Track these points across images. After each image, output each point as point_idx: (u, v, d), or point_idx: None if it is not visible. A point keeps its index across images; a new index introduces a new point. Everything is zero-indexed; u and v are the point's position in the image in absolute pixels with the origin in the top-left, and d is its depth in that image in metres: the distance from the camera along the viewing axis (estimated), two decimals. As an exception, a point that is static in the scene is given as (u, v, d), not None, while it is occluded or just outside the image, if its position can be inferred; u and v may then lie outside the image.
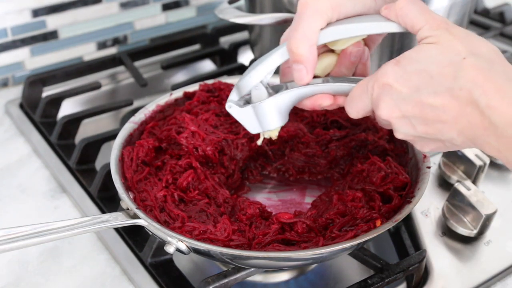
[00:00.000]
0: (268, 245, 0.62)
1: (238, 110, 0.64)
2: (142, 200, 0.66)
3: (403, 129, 0.56)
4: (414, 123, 0.55)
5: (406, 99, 0.54)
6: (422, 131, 0.55)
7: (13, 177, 0.87)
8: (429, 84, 0.53)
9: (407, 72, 0.54)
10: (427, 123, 0.54)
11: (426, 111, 0.53)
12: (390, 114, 0.56)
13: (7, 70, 1.07)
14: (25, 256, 0.74)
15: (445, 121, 0.53)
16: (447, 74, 0.52)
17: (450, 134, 0.53)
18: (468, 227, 0.74)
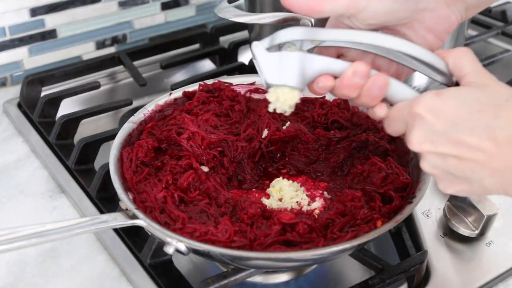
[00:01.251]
0: (269, 246, 0.61)
1: (263, 52, 0.59)
2: (142, 201, 0.66)
3: (432, 160, 0.54)
4: (445, 157, 0.53)
5: (440, 133, 0.53)
6: (452, 165, 0.53)
7: (12, 177, 0.86)
8: (466, 120, 0.51)
9: (446, 104, 0.53)
10: (460, 159, 0.52)
11: (460, 148, 0.52)
12: (421, 146, 0.54)
13: (5, 69, 1.06)
14: (24, 256, 0.74)
15: (479, 160, 0.51)
16: (488, 113, 0.51)
17: (481, 173, 0.52)
18: (470, 227, 0.73)
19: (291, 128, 0.77)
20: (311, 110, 0.81)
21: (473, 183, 0.53)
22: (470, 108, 0.52)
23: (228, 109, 0.79)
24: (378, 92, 0.59)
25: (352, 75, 0.59)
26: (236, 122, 0.78)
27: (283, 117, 0.79)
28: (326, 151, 0.77)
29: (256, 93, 0.83)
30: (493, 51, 1.15)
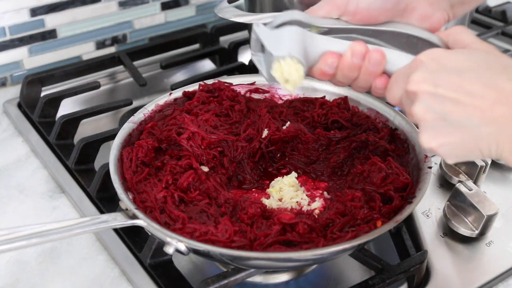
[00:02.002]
0: (269, 246, 0.61)
1: (265, 28, 0.61)
2: (142, 201, 0.66)
3: (428, 102, 0.52)
4: (443, 100, 0.51)
5: (443, 76, 0.51)
6: (449, 109, 0.51)
7: (12, 177, 0.86)
8: (473, 70, 0.51)
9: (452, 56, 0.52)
10: (458, 103, 0.50)
11: (461, 92, 0.50)
12: (420, 85, 0.52)
13: (5, 69, 1.06)
14: (24, 256, 0.74)
15: (479, 106, 0.50)
16: (497, 68, 0.51)
17: (479, 120, 0.50)
18: (470, 227, 0.73)
19: (291, 128, 0.77)
20: (311, 110, 0.81)
21: (466, 132, 0.51)
22: (477, 63, 0.51)
23: (228, 109, 0.79)
24: (376, 67, 0.59)
25: (351, 56, 0.60)
26: (236, 122, 0.78)
27: (283, 117, 0.80)
28: (326, 151, 0.77)
29: (256, 93, 0.83)
30: (493, 51, 1.15)
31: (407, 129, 0.74)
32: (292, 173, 0.73)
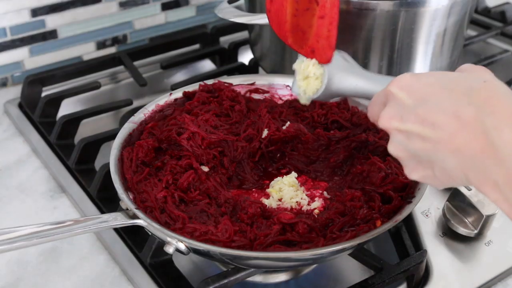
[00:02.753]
0: (269, 246, 0.61)
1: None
2: (142, 201, 0.66)
3: (399, 139, 0.53)
4: (411, 136, 0.52)
5: (409, 109, 0.52)
6: (416, 145, 0.52)
7: (12, 177, 0.86)
8: (436, 97, 0.50)
9: (419, 81, 0.52)
10: (424, 139, 0.51)
11: (425, 126, 0.50)
12: (389, 122, 0.54)
13: (6, 69, 1.06)
14: (25, 256, 0.74)
15: (441, 139, 0.49)
16: (460, 92, 0.49)
17: (443, 154, 0.50)
18: (469, 227, 0.73)
19: (291, 128, 0.77)
20: (311, 110, 0.81)
21: (435, 166, 0.51)
22: (443, 86, 0.51)
23: (228, 109, 0.79)
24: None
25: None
26: (236, 122, 0.78)
27: (283, 117, 0.80)
28: (326, 151, 0.77)
29: (256, 93, 0.83)
30: (492, 52, 1.15)
31: (407, 129, 0.74)
32: (292, 173, 0.73)
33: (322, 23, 0.66)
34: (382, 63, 0.85)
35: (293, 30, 0.69)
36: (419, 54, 0.85)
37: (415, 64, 0.86)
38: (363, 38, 0.82)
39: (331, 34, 0.67)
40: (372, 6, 0.79)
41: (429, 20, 0.82)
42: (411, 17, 0.81)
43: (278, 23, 0.69)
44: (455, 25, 0.86)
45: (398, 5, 0.79)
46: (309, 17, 0.67)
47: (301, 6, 0.66)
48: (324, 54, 0.67)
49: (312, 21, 0.66)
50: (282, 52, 0.91)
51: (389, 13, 0.80)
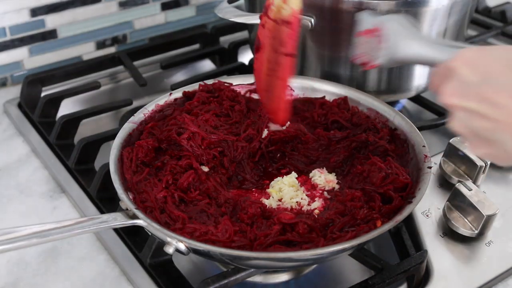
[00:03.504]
0: (269, 246, 0.61)
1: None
2: (142, 201, 0.66)
3: (460, 116, 0.53)
4: (472, 114, 0.52)
5: (471, 86, 0.51)
6: (477, 124, 0.51)
7: (12, 177, 0.86)
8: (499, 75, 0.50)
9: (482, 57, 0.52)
10: (485, 118, 0.51)
11: (485, 104, 0.50)
12: (451, 98, 0.53)
13: (5, 69, 1.06)
14: (24, 256, 0.74)
15: (501, 120, 0.49)
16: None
17: (503, 135, 0.50)
18: (469, 227, 0.73)
19: (291, 128, 0.77)
20: (311, 110, 0.81)
21: (496, 146, 0.51)
22: (506, 64, 0.50)
23: (228, 109, 0.79)
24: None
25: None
26: (236, 122, 0.78)
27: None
28: (326, 151, 0.77)
29: (256, 93, 0.83)
30: (493, 51, 1.15)
31: (407, 129, 0.74)
32: (292, 173, 0.73)
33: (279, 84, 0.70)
34: (382, 63, 0.85)
35: (266, 89, 0.72)
36: (420, 54, 0.85)
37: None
38: (363, 38, 0.82)
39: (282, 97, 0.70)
40: (372, 6, 0.79)
41: (430, 19, 0.82)
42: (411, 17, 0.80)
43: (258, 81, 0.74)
44: (455, 25, 0.85)
45: (399, 5, 0.79)
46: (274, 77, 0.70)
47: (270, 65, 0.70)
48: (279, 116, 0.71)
49: (275, 82, 0.70)
50: (282, 52, 0.91)
51: (389, 13, 0.80)
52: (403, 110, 1.01)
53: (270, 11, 0.68)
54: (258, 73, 0.71)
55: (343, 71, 0.86)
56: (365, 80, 0.87)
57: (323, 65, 0.87)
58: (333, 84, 0.82)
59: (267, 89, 0.71)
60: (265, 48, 0.70)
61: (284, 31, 0.67)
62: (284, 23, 0.67)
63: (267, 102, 0.70)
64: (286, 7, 0.66)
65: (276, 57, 0.68)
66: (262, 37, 0.70)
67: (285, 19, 0.67)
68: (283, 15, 0.67)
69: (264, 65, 0.70)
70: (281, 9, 0.67)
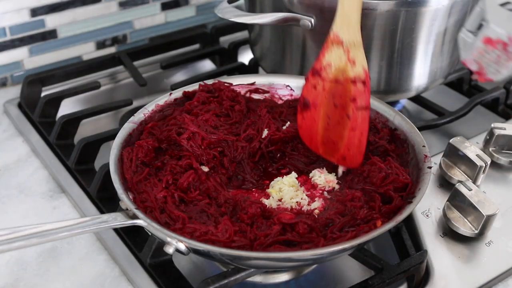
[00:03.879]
0: (269, 246, 0.61)
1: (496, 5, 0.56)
2: (142, 201, 0.66)
3: None
4: None
5: None
6: None
7: (12, 177, 0.86)
8: None
9: None
10: None
11: None
12: None
13: (5, 69, 1.06)
14: (24, 256, 0.74)
15: None
16: None
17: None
18: (469, 227, 0.73)
19: (291, 128, 0.77)
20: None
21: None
22: None
23: (228, 109, 0.79)
24: None
25: None
26: (236, 122, 0.78)
27: (283, 117, 0.80)
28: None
29: (256, 93, 0.83)
30: (493, 51, 1.15)
31: (407, 129, 0.74)
32: (292, 173, 0.73)
33: (354, 134, 0.71)
34: (382, 63, 0.85)
35: (325, 142, 0.74)
36: (419, 54, 0.85)
37: (415, 64, 0.86)
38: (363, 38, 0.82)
39: (362, 143, 0.72)
40: (372, 6, 0.79)
41: (430, 20, 0.82)
42: (412, 17, 0.81)
43: (310, 136, 0.75)
44: (455, 25, 0.85)
45: (399, 5, 0.79)
46: (340, 130, 0.72)
47: (332, 120, 0.72)
48: (355, 160, 0.72)
49: (343, 133, 0.72)
50: (282, 52, 0.91)
51: (389, 13, 0.80)
52: (403, 110, 1.01)
53: (326, 73, 0.71)
54: (309, 129, 0.74)
55: (343, 71, 0.86)
56: (365, 80, 0.87)
57: (323, 65, 0.87)
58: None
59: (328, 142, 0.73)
60: (318, 106, 0.73)
61: (352, 89, 0.70)
62: (353, 82, 0.70)
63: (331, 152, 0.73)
64: (355, 68, 0.70)
65: (341, 112, 0.71)
66: (312, 96, 0.73)
67: (355, 78, 0.70)
68: (351, 75, 0.70)
69: (320, 121, 0.73)
70: (347, 70, 0.70)
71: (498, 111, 1.00)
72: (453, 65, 0.93)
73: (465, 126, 0.96)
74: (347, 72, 0.71)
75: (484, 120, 0.98)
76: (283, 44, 0.90)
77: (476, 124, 0.97)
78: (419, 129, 0.74)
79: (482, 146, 0.86)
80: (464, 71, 1.03)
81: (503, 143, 0.84)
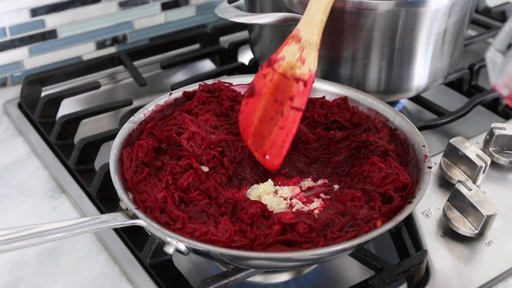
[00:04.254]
0: (269, 246, 0.61)
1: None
2: (142, 201, 0.66)
3: None
4: None
5: None
6: None
7: (12, 177, 0.86)
8: None
9: None
10: None
11: None
12: None
13: (5, 69, 1.06)
14: (24, 256, 0.74)
15: None
16: None
17: None
18: (469, 227, 0.73)
19: (291, 128, 0.77)
20: (311, 110, 0.81)
21: None
22: None
23: (228, 109, 0.79)
24: None
25: None
26: (236, 122, 0.78)
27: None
28: (326, 151, 0.77)
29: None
30: (493, 51, 1.15)
31: (407, 129, 0.74)
32: (268, 181, 0.73)
33: (280, 133, 0.72)
34: (382, 63, 0.85)
35: (255, 134, 0.74)
36: (419, 54, 0.85)
37: (415, 64, 0.86)
38: (363, 38, 0.82)
39: (285, 145, 0.71)
40: (372, 6, 0.79)
41: (430, 20, 0.82)
42: (411, 17, 0.81)
43: (245, 124, 0.74)
44: (455, 25, 0.85)
45: (398, 5, 0.79)
46: (271, 125, 0.72)
47: (268, 113, 0.72)
48: (274, 159, 0.72)
49: (273, 129, 0.72)
50: (282, 52, 0.91)
51: (389, 13, 0.80)
52: (403, 110, 1.01)
53: (278, 65, 0.71)
54: (246, 116, 0.73)
55: (343, 71, 0.86)
56: (365, 80, 0.87)
57: (323, 65, 0.87)
58: (333, 84, 0.82)
59: (258, 134, 0.73)
60: (262, 96, 0.73)
61: (294, 86, 0.70)
62: (297, 80, 0.70)
63: (257, 146, 0.72)
64: (303, 67, 0.70)
65: (278, 107, 0.71)
66: (260, 85, 0.73)
67: (299, 77, 0.70)
68: (297, 73, 0.70)
69: (259, 111, 0.73)
70: (295, 67, 0.70)
71: (498, 111, 1.00)
72: (453, 65, 0.93)
73: (465, 126, 0.96)
74: (294, 69, 0.71)
75: (484, 120, 0.98)
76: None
77: (476, 124, 0.97)
78: (419, 129, 0.74)
79: (482, 146, 0.86)
80: (464, 71, 1.03)
81: (503, 143, 0.84)
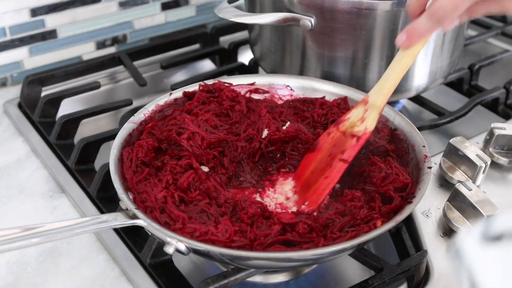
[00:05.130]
0: (269, 246, 0.61)
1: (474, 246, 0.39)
2: (142, 201, 0.66)
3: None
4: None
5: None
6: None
7: (12, 177, 0.86)
8: None
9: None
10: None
11: None
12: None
13: (5, 69, 1.06)
14: (24, 256, 0.74)
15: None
16: None
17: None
18: (469, 227, 0.73)
19: (291, 128, 0.77)
20: (311, 110, 0.81)
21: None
22: None
23: (228, 109, 0.79)
24: None
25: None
26: (236, 122, 0.78)
27: (283, 117, 0.80)
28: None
29: (256, 93, 0.83)
30: (493, 51, 1.15)
31: (407, 129, 0.74)
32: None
33: (324, 182, 0.72)
34: (382, 63, 0.85)
35: (304, 183, 0.74)
36: (419, 54, 0.85)
37: (415, 64, 0.86)
38: (363, 38, 0.82)
39: (324, 193, 0.71)
40: (372, 6, 0.79)
41: (430, 20, 0.82)
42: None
43: (300, 175, 0.75)
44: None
45: (398, 5, 0.79)
46: (319, 176, 0.73)
47: (320, 166, 0.73)
48: (310, 206, 0.71)
49: (319, 179, 0.72)
50: (282, 52, 0.91)
51: (389, 13, 0.80)
52: (403, 110, 1.01)
53: (343, 125, 0.73)
54: (303, 169, 0.75)
55: (343, 71, 0.87)
56: (365, 80, 0.87)
57: (323, 65, 0.87)
58: (333, 84, 0.82)
59: (306, 184, 0.74)
60: (320, 152, 0.74)
61: (348, 142, 0.72)
62: (352, 136, 0.72)
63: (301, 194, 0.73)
64: (361, 125, 0.72)
65: (330, 160, 0.72)
66: (323, 142, 0.75)
67: (355, 134, 0.72)
68: (355, 130, 0.72)
69: (314, 164, 0.74)
70: (355, 126, 0.72)
71: (498, 111, 1.00)
72: (453, 65, 0.93)
73: (465, 126, 0.96)
74: (354, 127, 0.73)
75: (484, 120, 0.98)
76: (283, 44, 0.90)
77: (476, 124, 0.97)
78: (419, 129, 0.74)
79: (482, 146, 0.86)
80: (464, 71, 1.03)
81: (503, 143, 0.84)
